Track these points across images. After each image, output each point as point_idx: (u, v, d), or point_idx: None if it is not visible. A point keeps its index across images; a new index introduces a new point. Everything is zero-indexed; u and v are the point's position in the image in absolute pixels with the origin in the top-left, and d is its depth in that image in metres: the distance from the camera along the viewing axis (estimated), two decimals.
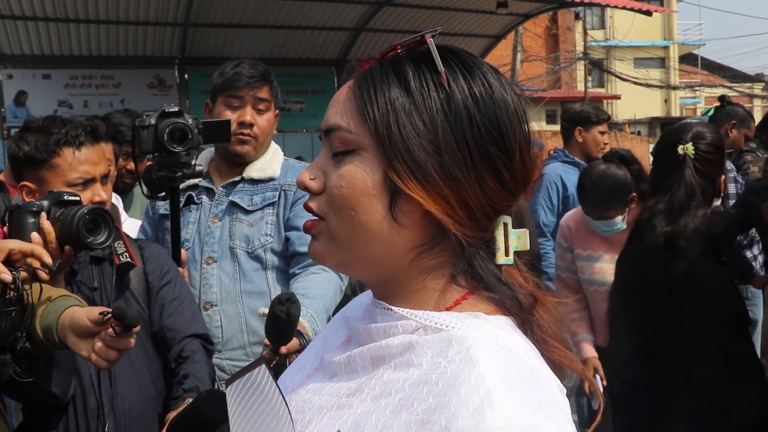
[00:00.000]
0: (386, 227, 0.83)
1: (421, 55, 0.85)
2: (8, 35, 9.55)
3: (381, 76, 0.85)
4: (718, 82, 33.57)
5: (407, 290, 0.86)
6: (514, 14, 10.77)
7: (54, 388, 1.83)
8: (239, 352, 2.46)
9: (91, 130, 2.03)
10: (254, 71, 2.54)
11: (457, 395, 0.73)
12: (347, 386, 0.85)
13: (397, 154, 0.81)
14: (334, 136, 0.86)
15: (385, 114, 0.82)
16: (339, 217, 0.84)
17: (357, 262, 0.87)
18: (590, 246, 3.33)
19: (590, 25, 30.78)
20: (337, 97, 0.89)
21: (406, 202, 0.82)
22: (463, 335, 0.79)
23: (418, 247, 0.85)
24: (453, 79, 0.83)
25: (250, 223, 2.50)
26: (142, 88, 10.74)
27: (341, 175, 0.84)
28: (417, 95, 0.82)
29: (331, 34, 10.90)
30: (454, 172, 0.81)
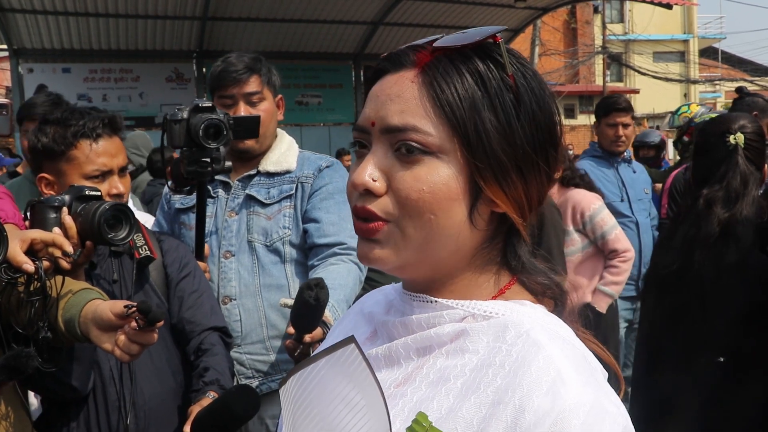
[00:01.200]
0: (464, 230, 0.83)
1: (484, 52, 0.83)
2: (29, 29, 9.63)
3: (457, 72, 0.82)
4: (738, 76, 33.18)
5: (456, 284, 0.87)
6: (532, 8, 10.70)
7: (74, 381, 1.84)
8: (258, 346, 2.46)
9: (108, 122, 2.03)
10: (239, 65, 2.51)
11: (528, 375, 0.75)
12: (392, 377, 0.85)
13: (483, 156, 0.80)
14: (405, 136, 0.81)
15: (470, 114, 0.80)
16: (415, 220, 0.81)
17: (421, 263, 0.85)
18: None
19: (609, 18, 30.53)
20: (399, 92, 0.83)
21: (484, 204, 0.82)
22: (518, 320, 0.81)
23: (481, 245, 0.86)
24: (517, 78, 0.83)
25: (268, 216, 2.50)
26: (160, 81, 10.80)
27: (419, 179, 0.80)
28: (494, 96, 0.81)
29: (348, 28, 10.89)
30: (527, 174, 0.83)
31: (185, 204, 2.60)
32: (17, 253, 1.58)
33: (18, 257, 1.58)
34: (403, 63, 0.85)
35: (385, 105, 0.83)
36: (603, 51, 25.85)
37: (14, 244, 1.59)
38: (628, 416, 0.78)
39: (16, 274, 1.59)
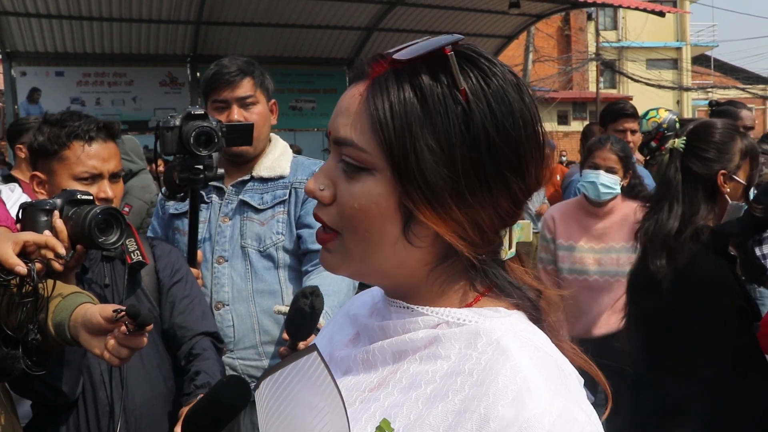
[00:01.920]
0: (400, 247, 0.82)
1: (438, 64, 0.80)
2: (22, 32, 9.61)
3: (397, 89, 0.79)
4: (730, 84, 33.38)
5: (425, 293, 0.86)
6: (526, 15, 10.74)
7: (63, 385, 1.83)
8: (251, 352, 2.46)
9: (104, 127, 2.04)
10: (232, 67, 2.51)
11: (495, 384, 0.74)
12: (368, 380, 0.86)
13: (413, 180, 0.78)
14: (346, 150, 0.82)
15: (401, 137, 0.78)
16: (352, 234, 0.83)
17: (371, 274, 0.87)
18: (572, 236, 3.46)
19: (602, 25, 30.67)
20: (348, 105, 0.83)
21: (419, 225, 0.80)
22: (490, 327, 0.80)
23: (432, 263, 0.85)
24: (472, 95, 0.79)
25: (261, 221, 2.50)
26: (154, 85, 10.78)
27: (354, 195, 0.81)
28: (435, 114, 0.78)
29: (343, 34, 10.90)
30: (469, 198, 0.79)
31: (179, 209, 2.59)
32: (9, 255, 1.58)
33: (10, 259, 1.58)
34: (360, 75, 0.85)
35: (337, 117, 0.84)
36: (596, 58, 25.96)
37: (7, 246, 1.59)
38: (600, 425, 0.77)
39: (8, 276, 1.59)
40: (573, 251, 3.46)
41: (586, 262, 3.42)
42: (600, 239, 3.42)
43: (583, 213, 3.49)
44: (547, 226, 3.62)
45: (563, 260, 3.48)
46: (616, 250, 3.38)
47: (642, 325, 2.39)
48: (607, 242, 3.42)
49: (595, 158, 3.39)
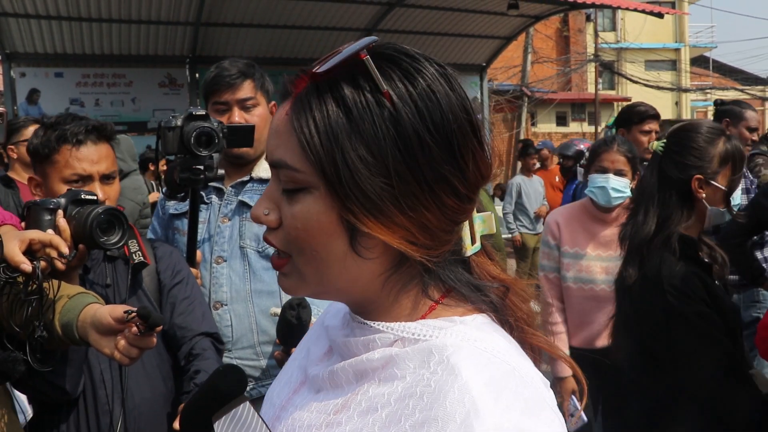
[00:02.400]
0: (350, 262, 0.80)
1: (358, 71, 0.77)
2: (21, 33, 9.61)
3: (319, 103, 0.77)
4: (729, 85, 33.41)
5: (381, 307, 0.85)
6: (524, 16, 10.75)
7: (65, 383, 1.85)
8: (249, 351, 2.47)
9: (93, 129, 2.05)
10: (233, 70, 2.53)
11: (442, 408, 0.72)
12: (334, 402, 0.84)
13: (348, 192, 0.76)
14: (282, 172, 0.80)
15: (329, 151, 0.76)
16: (301, 255, 0.81)
17: (328, 293, 0.85)
18: (578, 243, 3.29)
19: (601, 27, 30.70)
20: (278, 126, 0.81)
21: (366, 237, 0.78)
22: (442, 344, 0.78)
23: (386, 272, 0.82)
24: (397, 96, 0.76)
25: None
26: (153, 86, 10.79)
27: (295, 216, 0.79)
28: (361, 122, 0.76)
29: (342, 35, 10.90)
30: (410, 202, 0.77)
31: (179, 210, 2.61)
32: (15, 253, 1.60)
33: (16, 257, 1.60)
34: (285, 93, 0.83)
35: (270, 139, 0.83)
36: (595, 59, 25.97)
37: (13, 244, 1.61)
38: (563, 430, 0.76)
39: (14, 274, 1.60)
40: (579, 259, 3.30)
41: (593, 270, 3.27)
42: (608, 247, 3.25)
43: (590, 218, 3.34)
44: (550, 231, 3.42)
45: (568, 268, 3.30)
46: None
47: (622, 329, 2.39)
48: (615, 250, 3.13)
49: (602, 161, 3.23)
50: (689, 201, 2.20)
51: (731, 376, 2.09)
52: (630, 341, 2.36)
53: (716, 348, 2.09)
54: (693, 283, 2.12)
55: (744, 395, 2.10)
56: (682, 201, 2.20)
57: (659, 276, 2.13)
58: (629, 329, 2.33)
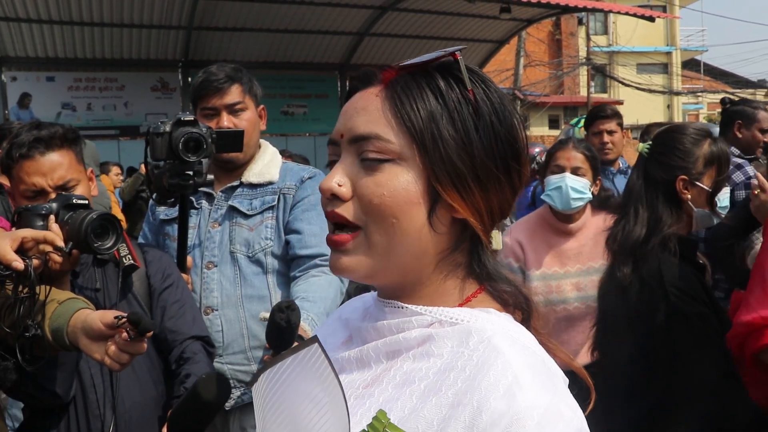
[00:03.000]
0: (424, 233, 0.86)
1: (445, 70, 0.88)
2: (12, 38, 9.59)
3: (417, 87, 0.87)
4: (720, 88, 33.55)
5: (425, 290, 0.90)
6: (517, 19, 10.79)
7: (56, 388, 1.84)
8: (240, 356, 2.47)
9: (38, 140, 1.96)
10: (220, 74, 2.53)
11: (486, 379, 0.79)
12: (362, 379, 0.89)
13: (440, 163, 0.85)
14: (369, 144, 0.87)
15: (427, 124, 0.85)
16: (379, 224, 0.86)
17: (388, 270, 0.89)
18: (545, 263, 2.99)
19: (593, 30, 30.81)
20: (365, 105, 0.89)
21: (443, 209, 0.86)
22: (482, 327, 0.85)
23: (445, 251, 0.89)
24: (477, 94, 0.87)
25: (250, 227, 2.51)
26: (145, 90, 10.78)
27: (380, 184, 0.86)
28: (452, 108, 0.86)
29: (334, 39, 10.93)
30: (485, 183, 0.87)
31: (169, 215, 2.60)
32: (7, 252, 1.59)
33: (8, 255, 1.59)
34: (371, 80, 0.92)
35: (352, 117, 0.89)
36: (587, 62, 26.06)
37: (4, 243, 1.61)
38: (585, 421, 0.81)
39: (5, 273, 1.60)
40: (549, 280, 2.99)
41: (564, 289, 2.98)
42: (576, 260, 3.00)
43: (552, 232, 3.05)
44: (512, 253, 3.07)
45: (536, 292, 2.93)
46: (595, 270, 2.81)
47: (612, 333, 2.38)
48: (584, 263, 2.99)
49: (557, 160, 2.99)
50: (675, 202, 2.21)
51: (729, 378, 2.10)
52: (626, 345, 2.36)
53: (715, 350, 2.10)
54: (694, 284, 2.13)
55: (740, 398, 2.10)
56: (668, 202, 2.20)
57: (660, 278, 2.13)
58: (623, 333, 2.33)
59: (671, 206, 2.20)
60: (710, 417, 2.11)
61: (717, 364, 2.10)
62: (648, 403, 2.25)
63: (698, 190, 2.20)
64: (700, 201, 2.22)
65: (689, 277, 2.14)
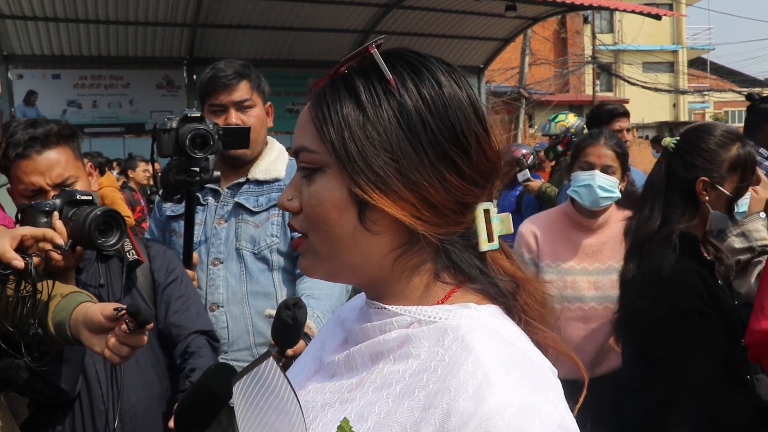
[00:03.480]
0: (360, 236, 0.86)
1: (370, 66, 0.88)
2: (18, 35, 9.61)
3: (333, 93, 0.88)
4: (727, 87, 33.47)
5: (396, 290, 0.90)
6: (522, 17, 10.78)
7: (63, 383, 1.84)
8: (245, 353, 2.47)
9: (33, 139, 1.95)
10: (228, 70, 2.52)
11: (456, 379, 0.78)
12: (348, 383, 0.89)
13: (356, 168, 0.84)
14: (301, 157, 0.89)
15: (339, 131, 0.85)
16: (316, 232, 0.88)
17: (342, 271, 0.91)
18: (560, 255, 2.86)
19: (599, 28, 30.74)
20: (301, 119, 0.92)
21: (373, 211, 0.85)
22: (456, 324, 0.84)
23: (396, 249, 0.88)
24: (402, 85, 0.86)
25: (256, 224, 2.51)
26: (150, 88, 10.79)
27: (311, 194, 0.88)
28: (369, 107, 0.85)
29: (339, 36, 10.92)
30: (413, 177, 0.84)
31: (176, 211, 2.60)
32: (6, 250, 1.59)
33: (7, 254, 1.59)
34: (310, 92, 0.94)
35: (295, 131, 0.93)
36: (593, 61, 26.01)
37: (3, 241, 1.60)
38: (568, 415, 0.79)
39: (6, 271, 1.60)
40: (564, 274, 2.87)
41: (580, 286, 2.85)
42: (595, 258, 2.88)
43: (572, 227, 2.94)
44: (525, 243, 2.96)
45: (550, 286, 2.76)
46: (615, 270, 2.60)
47: (625, 327, 2.37)
48: (603, 262, 2.87)
49: (587, 156, 2.87)
50: (693, 202, 2.18)
51: (727, 377, 2.08)
52: (626, 343, 2.35)
53: (713, 348, 2.08)
54: (692, 280, 2.10)
55: (738, 398, 2.09)
56: (685, 201, 2.18)
57: (659, 273, 2.11)
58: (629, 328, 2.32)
59: (687, 206, 2.18)
60: (709, 417, 2.10)
61: (716, 363, 2.09)
62: (647, 403, 2.24)
63: (718, 194, 2.17)
64: (718, 205, 2.19)
65: (688, 272, 2.11)
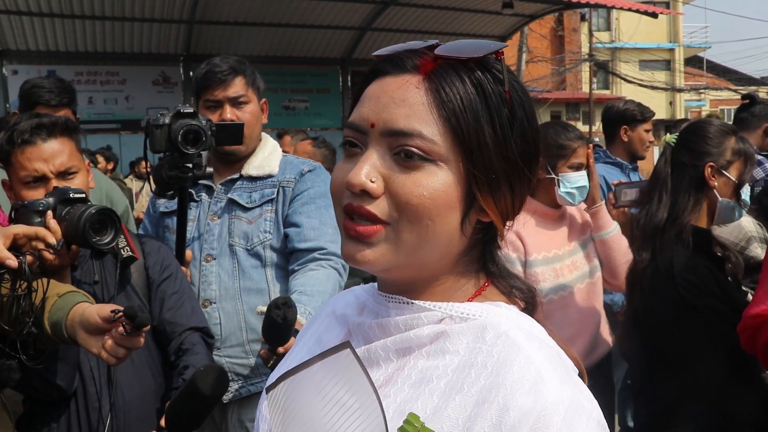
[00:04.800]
0: (455, 236, 0.85)
1: (483, 66, 0.85)
2: (14, 31, 9.58)
3: (461, 83, 0.83)
4: (723, 85, 33.51)
5: (436, 286, 0.89)
6: (519, 15, 10.76)
7: (59, 380, 1.84)
8: (238, 350, 2.47)
9: (40, 126, 1.99)
10: (224, 66, 2.53)
11: (510, 375, 0.78)
12: (372, 379, 0.84)
13: (482, 168, 0.82)
14: (410, 141, 0.81)
15: (473, 127, 0.82)
16: (413, 224, 0.82)
17: (410, 266, 0.85)
18: (545, 247, 2.84)
19: (596, 26, 30.73)
20: (404, 97, 0.83)
21: (475, 213, 0.85)
22: (496, 321, 0.84)
23: (465, 250, 0.89)
24: (513, 95, 0.85)
25: (249, 220, 2.51)
26: (146, 85, 10.76)
27: (420, 184, 0.81)
28: (493, 109, 0.83)
29: (336, 33, 10.90)
30: (515, 186, 0.86)
31: (169, 207, 2.60)
32: (0, 249, 1.59)
33: (1, 253, 1.59)
34: (406, 67, 0.85)
35: (388, 107, 0.83)
36: (590, 59, 26.01)
37: None
38: (601, 412, 0.81)
39: (0, 271, 1.59)
40: (553, 263, 2.84)
41: (565, 271, 2.85)
42: (567, 239, 2.92)
43: (543, 218, 2.90)
44: (509, 242, 2.85)
45: (544, 278, 2.76)
46: (582, 245, 2.89)
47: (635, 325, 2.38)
48: (571, 241, 2.92)
49: (579, 157, 2.85)
50: (701, 190, 2.24)
51: (735, 375, 2.09)
52: (639, 339, 2.36)
53: (725, 346, 2.09)
54: (705, 276, 2.14)
55: (746, 396, 2.09)
56: (693, 189, 2.23)
57: (671, 269, 2.15)
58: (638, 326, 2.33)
59: (695, 193, 2.24)
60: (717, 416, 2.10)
61: (725, 361, 2.10)
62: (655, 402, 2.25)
63: (725, 180, 2.25)
64: (725, 191, 2.26)
65: (700, 268, 2.15)
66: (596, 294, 2.88)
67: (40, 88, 3.13)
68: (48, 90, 3.12)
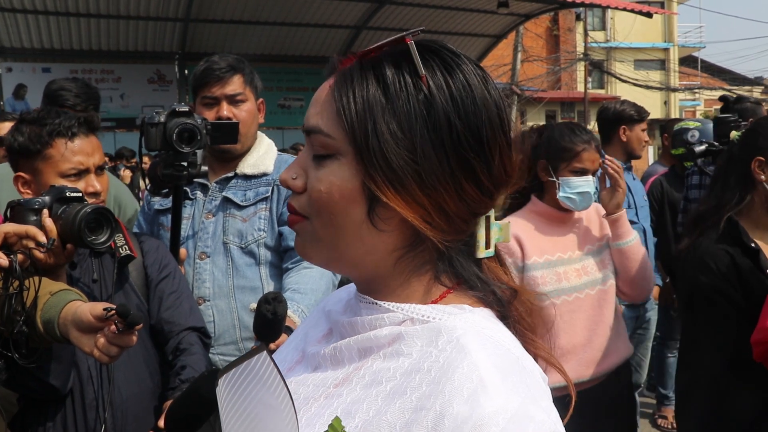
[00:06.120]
0: (365, 231, 0.83)
1: (401, 56, 0.83)
2: (8, 28, 9.55)
3: (360, 77, 0.83)
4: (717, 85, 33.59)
5: (392, 287, 0.87)
6: (514, 14, 10.79)
7: (54, 380, 1.84)
8: (231, 347, 2.48)
9: (84, 122, 2.04)
10: (222, 63, 2.54)
11: (450, 382, 0.75)
12: (334, 376, 0.86)
13: (375, 162, 0.80)
14: (315, 138, 0.85)
15: (363, 121, 0.81)
16: (319, 218, 0.85)
17: (340, 261, 0.87)
18: (547, 250, 2.73)
19: (591, 26, 30.77)
20: (318, 96, 0.87)
21: (384, 208, 0.82)
22: (451, 325, 0.81)
23: (399, 249, 0.85)
24: (433, 82, 0.81)
25: (244, 218, 2.52)
26: (142, 83, 10.75)
27: (320, 179, 0.83)
28: (396, 99, 0.81)
29: (332, 32, 10.91)
30: (431, 181, 0.81)
31: (164, 205, 2.61)
32: None
33: None
34: (332, 70, 0.88)
35: (310, 108, 0.88)
36: (585, 58, 26.03)
37: None
38: (559, 423, 0.77)
39: None
40: (554, 267, 2.73)
41: (571, 276, 2.74)
42: (577, 245, 2.81)
43: (549, 222, 2.81)
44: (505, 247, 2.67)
45: (544, 282, 2.66)
46: (595, 252, 2.77)
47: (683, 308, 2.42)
48: (583, 247, 2.81)
49: (583, 161, 2.71)
50: (749, 183, 2.24)
51: (738, 368, 2.09)
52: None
53: (727, 332, 2.11)
54: (719, 259, 2.15)
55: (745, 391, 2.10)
56: (740, 182, 2.25)
57: (695, 251, 2.21)
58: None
59: (742, 187, 2.24)
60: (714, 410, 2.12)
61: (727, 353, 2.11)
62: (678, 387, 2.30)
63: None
64: None
65: (720, 253, 2.16)
66: (608, 302, 2.75)
67: (67, 92, 3.12)
68: (75, 95, 3.12)
